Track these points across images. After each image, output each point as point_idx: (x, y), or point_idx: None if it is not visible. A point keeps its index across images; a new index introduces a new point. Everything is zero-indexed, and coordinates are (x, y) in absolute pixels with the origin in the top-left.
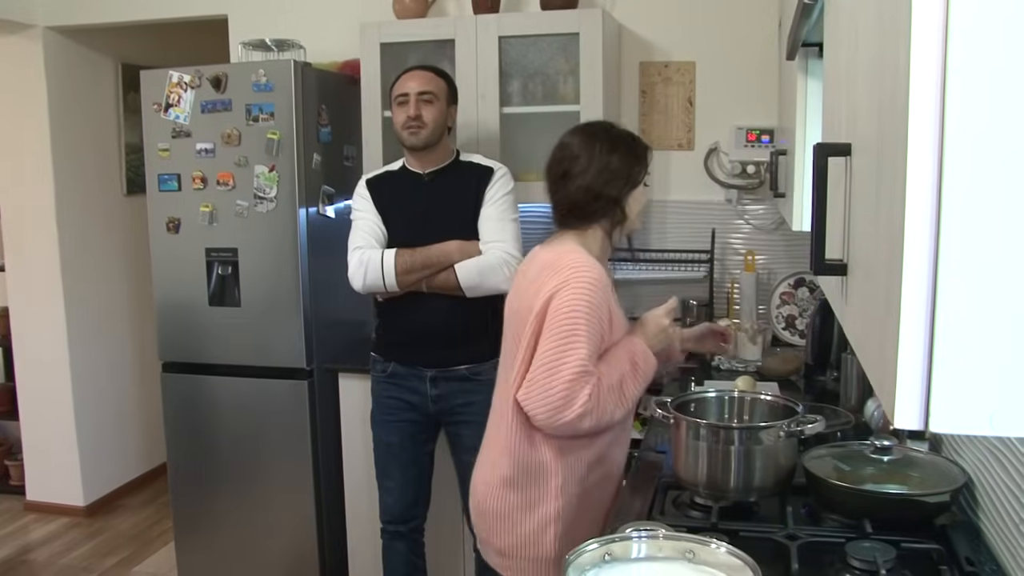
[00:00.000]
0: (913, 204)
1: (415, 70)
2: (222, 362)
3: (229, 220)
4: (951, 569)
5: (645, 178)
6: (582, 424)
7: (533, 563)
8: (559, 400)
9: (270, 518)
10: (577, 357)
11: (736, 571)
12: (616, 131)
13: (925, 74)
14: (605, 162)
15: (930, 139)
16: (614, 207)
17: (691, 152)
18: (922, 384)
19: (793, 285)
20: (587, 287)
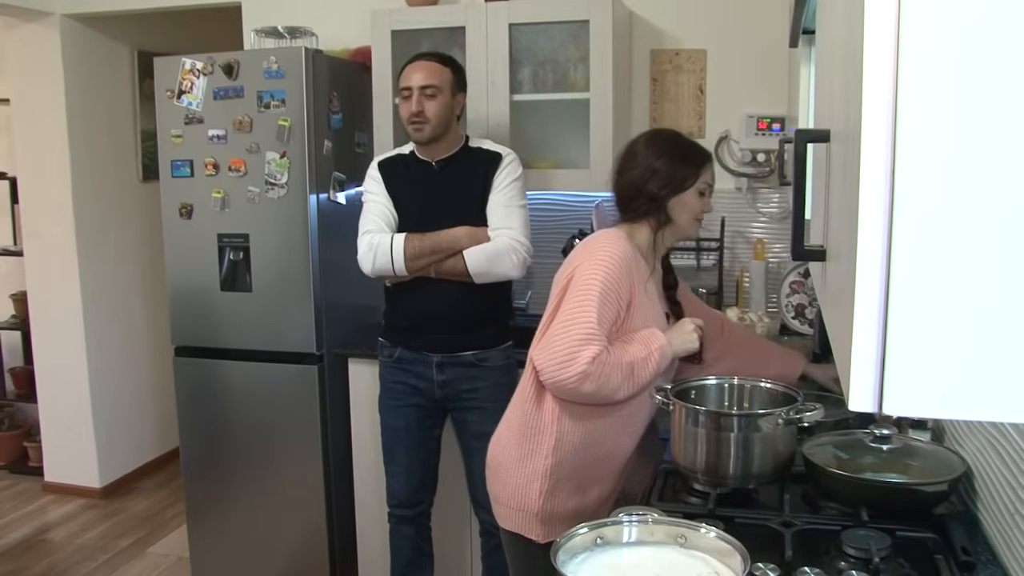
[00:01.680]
0: (867, 191)
1: (419, 60)
2: (233, 347)
3: (241, 206)
4: (946, 558)
5: (702, 188)
6: (583, 387)
7: (519, 512)
8: (563, 356)
9: (280, 501)
10: (586, 320)
11: (726, 555)
12: (678, 139)
13: (879, 62)
14: (651, 163)
15: (883, 128)
16: (656, 207)
17: (702, 140)
18: (876, 367)
19: (803, 274)
20: (607, 262)
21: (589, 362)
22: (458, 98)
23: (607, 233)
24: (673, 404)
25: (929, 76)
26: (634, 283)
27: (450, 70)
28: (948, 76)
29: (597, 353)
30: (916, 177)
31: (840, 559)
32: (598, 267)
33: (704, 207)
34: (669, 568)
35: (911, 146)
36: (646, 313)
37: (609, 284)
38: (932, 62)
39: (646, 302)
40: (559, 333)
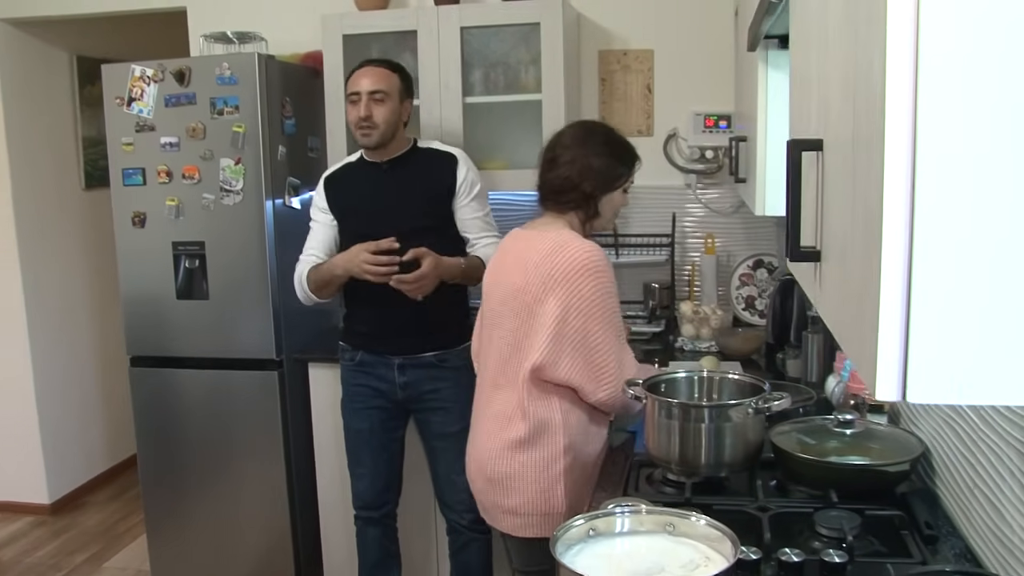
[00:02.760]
0: (890, 195)
1: (368, 66)
2: (191, 355)
3: (196, 213)
4: (912, 533)
5: (627, 185)
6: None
7: (544, 518)
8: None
9: (243, 508)
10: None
11: (715, 541)
12: (612, 136)
13: (899, 80)
14: (589, 162)
15: (905, 138)
16: (588, 202)
17: (650, 138)
18: (900, 360)
19: (752, 267)
20: (606, 274)
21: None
22: (405, 104)
23: (571, 234)
24: (646, 397)
25: (945, 95)
26: None
27: (398, 76)
28: (962, 91)
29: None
30: (935, 184)
31: (814, 539)
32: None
33: (625, 202)
34: (661, 555)
35: (930, 154)
36: None
37: (615, 295)
38: (948, 83)
39: None
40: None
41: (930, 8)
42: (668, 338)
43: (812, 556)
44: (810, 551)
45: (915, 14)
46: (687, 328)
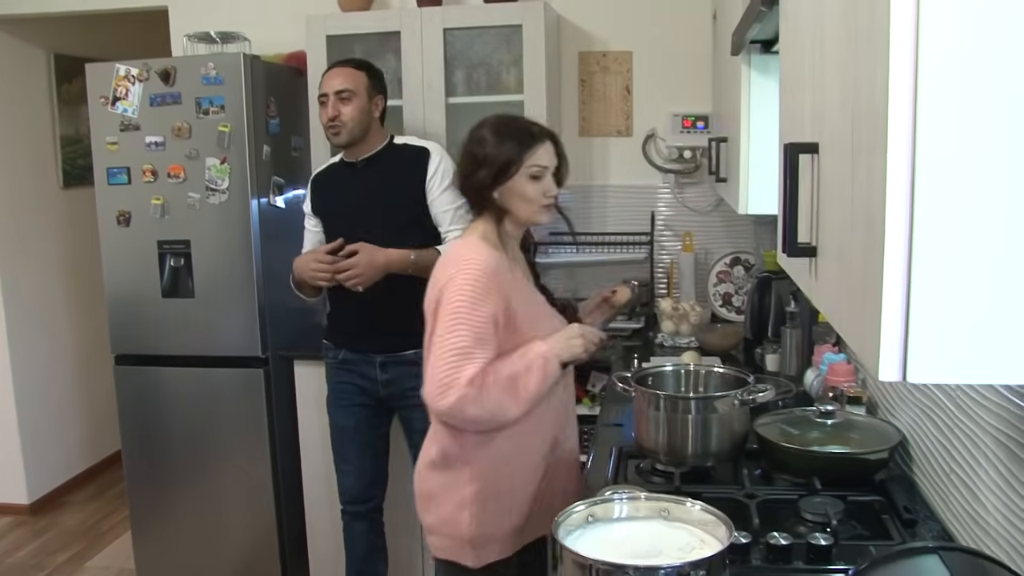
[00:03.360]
0: (892, 194)
1: (334, 67)
2: (177, 353)
3: (181, 212)
4: (892, 517)
5: (532, 171)
6: (467, 410)
7: (453, 540)
8: (441, 383)
9: (228, 504)
10: (458, 340)
11: (709, 525)
12: (502, 121)
13: (901, 87)
14: (471, 153)
15: (905, 140)
16: (485, 199)
17: (629, 138)
18: (900, 345)
19: (729, 264)
20: (470, 278)
21: (467, 384)
22: (376, 101)
23: (463, 242)
24: (635, 390)
25: (942, 99)
26: (506, 286)
27: (365, 74)
28: (959, 96)
29: (474, 373)
30: (933, 185)
31: (800, 524)
32: (463, 282)
33: (544, 190)
34: (658, 540)
35: (929, 156)
36: (532, 310)
37: (477, 296)
38: (945, 88)
39: (527, 299)
40: (435, 359)
41: (929, 19)
42: (648, 334)
43: (799, 540)
44: (797, 535)
45: (915, 27)
46: (667, 324)
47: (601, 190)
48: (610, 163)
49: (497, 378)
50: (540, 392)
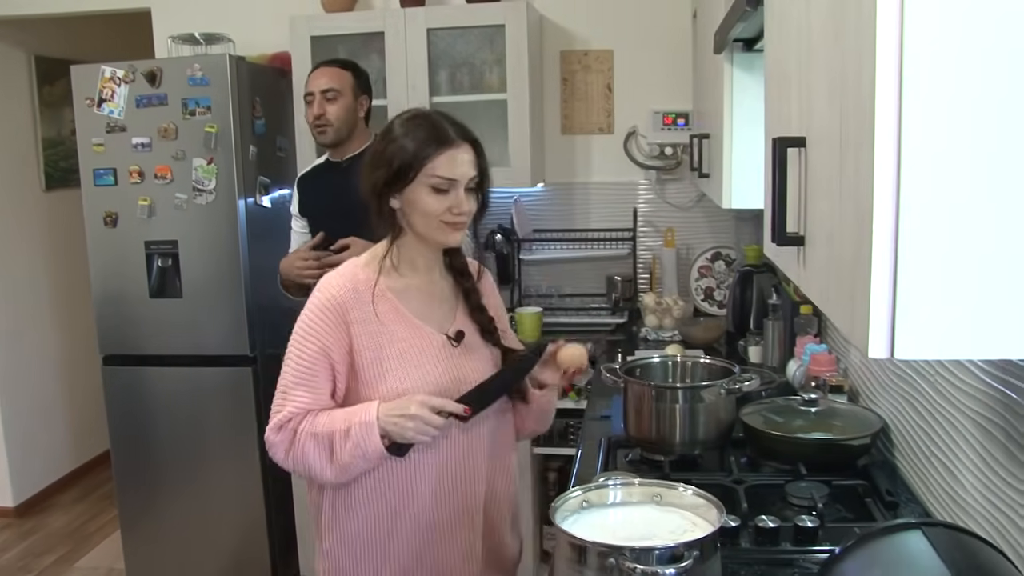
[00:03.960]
0: (880, 185)
1: (320, 67)
2: (165, 353)
3: (168, 213)
4: (874, 501)
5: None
6: (278, 457)
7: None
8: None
9: (218, 503)
10: (283, 376)
11: (701, 509)
12: (414, 115)
13: (887, 84)
14: (376, 149)
15: (891, 134)
16: (378, 207)
17: (611, 136)
18: (888, 325)
19: (710, 259)
20: (311, 307)
21: (275, 429)
22: (361, 100)
23: (344, 264)
24: (624, 381)
25: (926, 96)
26: (350, 318)
27: (351, 74)
28: (941, 92)
29: (286, 419)
30: (918, 176)
31: (787, 508)
32: (306, 310)
33: (448, 206)
34: (651, 524)
35: (914, 149)
36: (390, 347)
37: (310, 330)
38: (929, 85)
39: (387, 334)
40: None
41: (914, 16)
42: (632, 329)
43: (786, 523)
44: (784, 518)
45: (899, 24)
46: (650, 319)
47: (583, 187)
48: (592, 160)
49: (314, 431)
50: (355, 465)
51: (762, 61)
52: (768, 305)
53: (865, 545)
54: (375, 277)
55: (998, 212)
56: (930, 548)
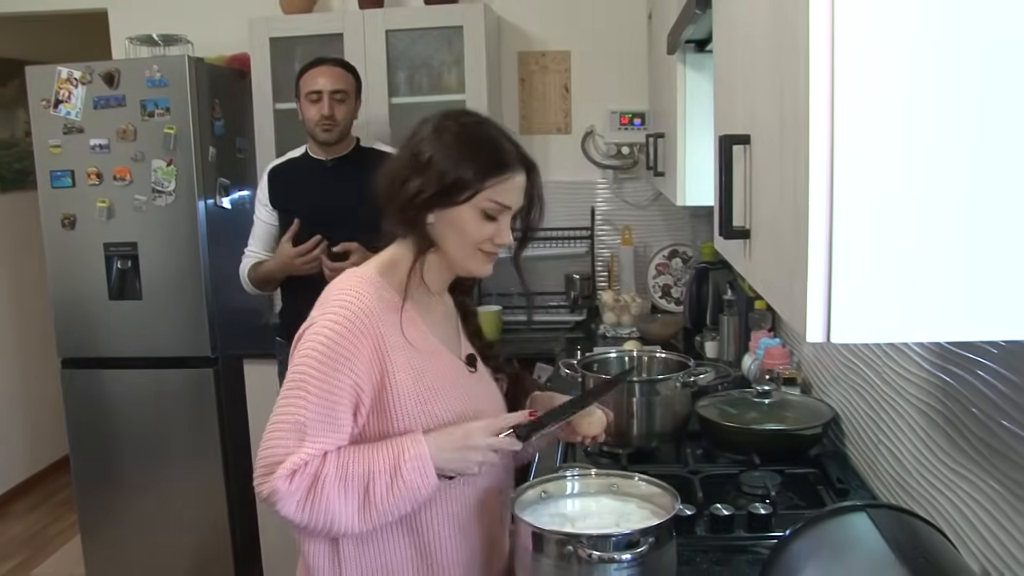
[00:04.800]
0: (815, 180)
1: (326, 65)
2: (125, 355)
3: (127, 215)
4: (826, 488)
5: (488, 207)
6: (285, 510)
7: None
8: (264, 464)
9: (180, 506)
10: (294, 414)
11: (656, 497)
12: (469, 125)
13: (819, 85)
14: (415, 153)
15: (824, 132)
16: (412, 220)
17: (569, 136)
18: (824, 310)
19: (667, 256)
20: (332, 329)
21: (287, 477)
22: (358, 104)
23: (353, 274)
24: (581, 375)
25: (857, 98)
26: (385, 344)
27: (354, 76)
28: (870, 95)
29: (302, 463)
30: (850, 171)
31: (741, 497)
32: (322, 333)
33: (493, 234)
34: (609, 513)
35: (845, 146)
36: (432, 383)
37: (336, 356)
38: (859, 89)
39: (428, 366)
40: (269, 429)
41: (843, 26)
42: (591, 326)
43: (740, 510)
44: (738, 506)
45: (830, 32)
46: (609, 316)
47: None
48: (550, 160)
49: (343, 474)
50: (397, 509)
51: (712, 62)
52: (723, 301)
53: (813, 527)
54: (401, 294)
55: (923, 206)
56: (874, 528)
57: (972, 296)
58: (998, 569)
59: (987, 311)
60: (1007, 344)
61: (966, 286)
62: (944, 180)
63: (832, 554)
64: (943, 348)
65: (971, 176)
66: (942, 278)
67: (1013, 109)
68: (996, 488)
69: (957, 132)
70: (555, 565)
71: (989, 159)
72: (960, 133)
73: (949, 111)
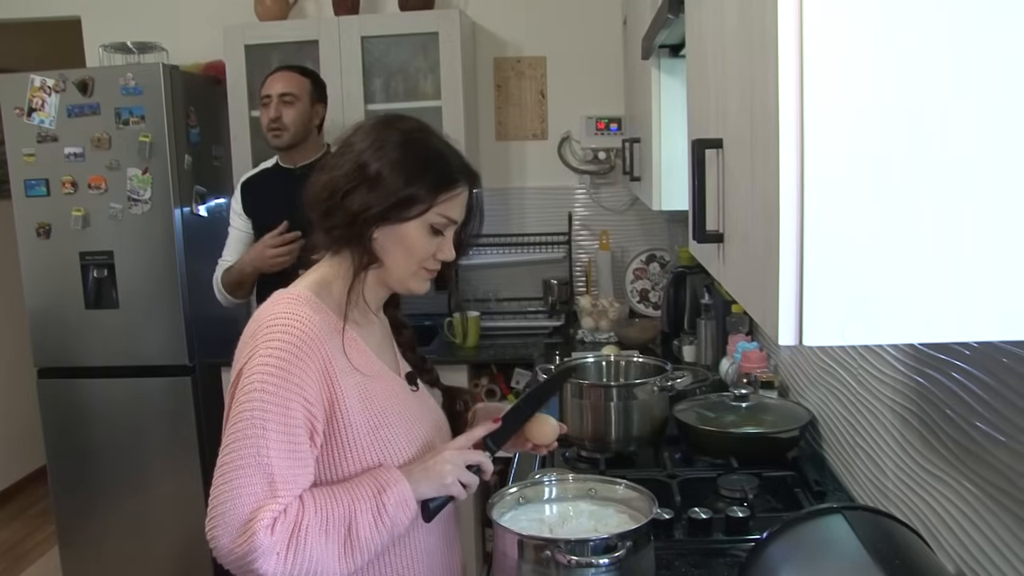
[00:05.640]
0: (785, 183)
1: (279, 71)
2: (102, 364)
3: (103, 223)
4: (803, 491)
5: (437, 222)
6: (265, 565)
7: None
8: (234, 525)
9: (159, 515)
10: (251, 462)
11: (635, 502)
12: (416, 137)
13: (788, 91)
14: (362, 162)
15: (793, 136)
16: (357, 235)
17: (545, 141)
18: (795, 312)
19: (645, 261)
20: (276, 354)
21: (267, 529)
22: (317, 108)
23: (284, 296)
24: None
25: (825, 102)
26: (332, 368)
27: (309, 80)
28: (839, 99)
29: (280, 511)
30: (819, 173)
31: (719, 500)
32: (266, 363)
33: (436, 250)
34: (587, 517)
35: (815, 149)
36: (373, 398)
37: (286, 387)
38: (827, 93)
39: (368, 384)
40: (220, 484)
41: (812, 32)
42: (569, 331)
43: (718, 514)
44: (716, 510)
45: (799, 38)
46: (587, 321)
47: (519, 192)
48: (527, 166)
49: (323, 517)
50: (383, 546)
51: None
52: (701, 305)
53: (790, 530)
54: (340, 315)
55: (893, 208)
56: (850, 530)
57: (944, 298)
58: (973, 570)
59: (958, 313)
60: (980, 346)
61: (938, 289)
62: (915, 183)
63: (808, 556)
64: (917, 350)
65: (942, 179)
66: (914, 281)
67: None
68: (971, 489)
69: (928, 136)
70: (533, 570)
71: (960, 162)
72: (931, 137)
73: (919, 114)
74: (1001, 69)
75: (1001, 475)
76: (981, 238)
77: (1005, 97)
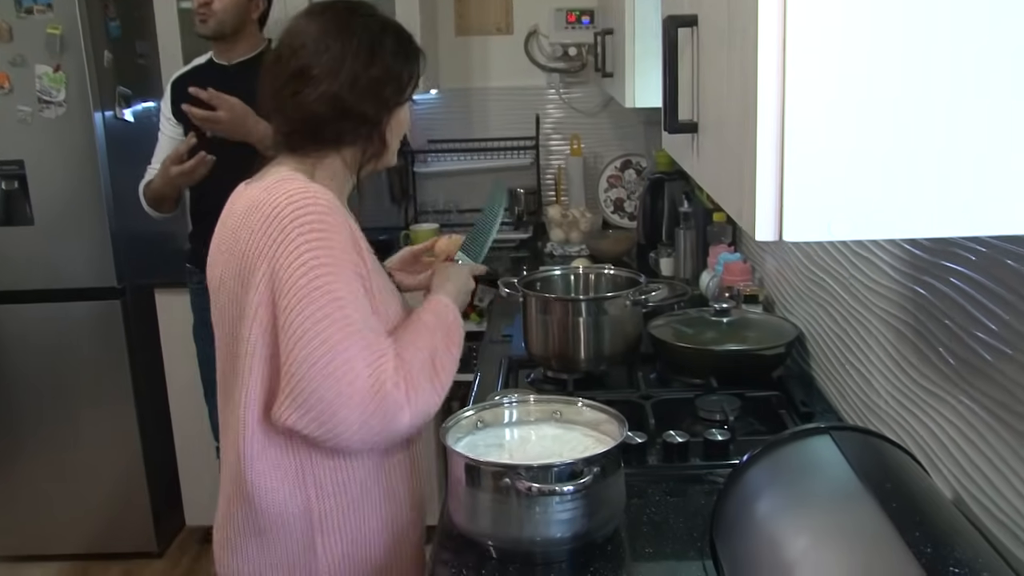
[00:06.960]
0: (764, 63)
1: None
2: (19, 288)
3: (10, 128)
4: (789, 412)
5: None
6: (403, 414)
7: None
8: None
9: (90, 450)
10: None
11: (603, 425)
12: (380, 20)
13: None
14: (364, 65)
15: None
16: (369, 131)
17: (510, 36)
18: (775, 203)
19: (620, 168)
20: (315, 231)
21: (395, 387)
22: (257, 0)
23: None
24: (523, 295)
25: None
26: (356, 232)
27: None
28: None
29: (394, 366)
30: (801, 50)
31: (697, 423)
32: (306, 243)
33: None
34: (552, 442)
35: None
36: (378, 272)
37: (342, 258)
38: None
39: (373, 262)
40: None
41: None
42: (536, 244)
43: (696, 437)
44: (693, 433)
45: None
46: (556, 232)
47: (481, 93)
48: (490, 63)
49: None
50: (456, 366)
51: None
52: (680, 214)
53: (772, 452)
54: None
55: (880, 95)
56: (838, 452)
57: (939, 190)
58: (972, 493)
59: (954, 206)
60: (985, 250)
61: (933, 179)
62: (910, 59)
63: (792, 481)
64: (914, 256)
65: (938, 57)
66: (905, 170)
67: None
68: (970, 406)
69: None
70: (491, 499)
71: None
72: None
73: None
74: None
75: (1005, 391)
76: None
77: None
